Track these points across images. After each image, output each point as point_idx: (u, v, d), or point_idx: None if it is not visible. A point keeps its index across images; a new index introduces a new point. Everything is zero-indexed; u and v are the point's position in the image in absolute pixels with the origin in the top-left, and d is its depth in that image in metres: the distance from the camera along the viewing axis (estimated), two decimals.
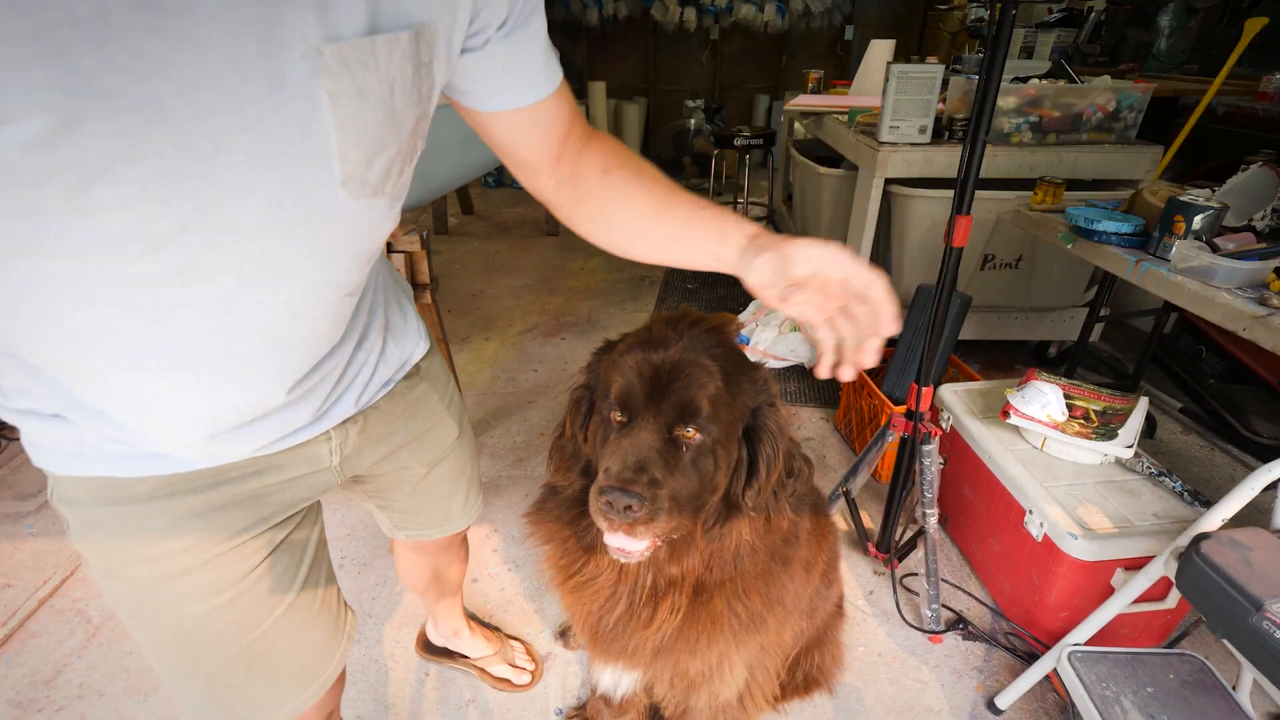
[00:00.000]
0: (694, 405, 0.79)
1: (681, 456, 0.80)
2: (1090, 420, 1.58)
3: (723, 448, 0.82)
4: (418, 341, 0.89)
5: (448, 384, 0.98)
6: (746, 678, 1.06)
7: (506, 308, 3.47)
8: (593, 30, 6.15)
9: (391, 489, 0.96)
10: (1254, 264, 1.40)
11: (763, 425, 0.85)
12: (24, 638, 1.59)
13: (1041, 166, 2.40)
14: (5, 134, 0.38)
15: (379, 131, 0.53)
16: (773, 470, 0.84)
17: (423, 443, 0.93)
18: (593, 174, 0.72)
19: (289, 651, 0.77)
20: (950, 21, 4.89)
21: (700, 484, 0.81)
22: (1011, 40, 1.24)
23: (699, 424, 0.79)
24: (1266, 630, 0.93)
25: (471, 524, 1.12)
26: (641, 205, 0.71)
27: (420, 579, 1.26)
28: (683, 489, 0.79)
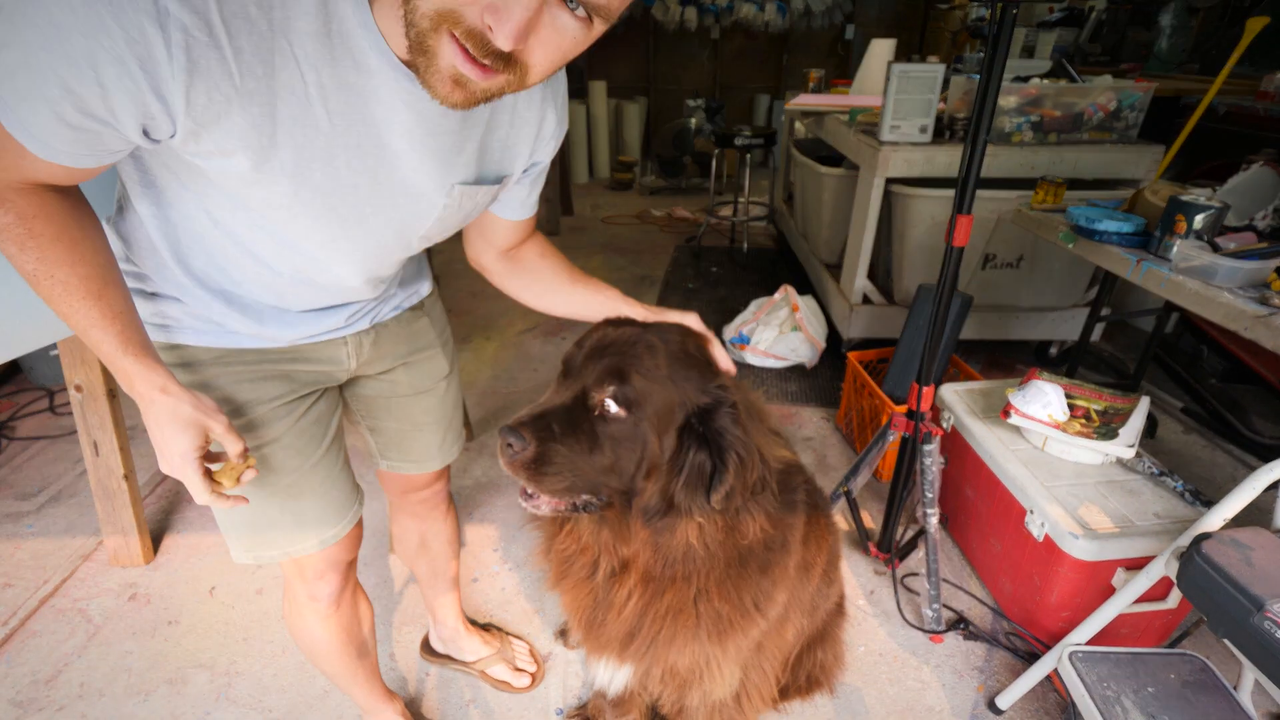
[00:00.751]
0: (619, 372, 0.78)
1: (595, 424, 0.78)
2: (1091, 420, 1.58)
3: (651, 432, 0.79)
4: (425, 281, 1.11)
5: (444, 326, 1.16)
6: (741, 678, 1.05)
7: (507, 307, 3.47)
8: None
9: (381, 410, 1.11)
10: (1255, 263, 1.40)
11: (723, 431, 0.80)
12: (24, 637, 1.59)
13: (1042, 166, 2.40)
14: (261, 186, 0.68)
15: (455, 223, 0.89)
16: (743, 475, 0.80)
17: (417, 367, 1.10)
18: (531, 256, 1.04)
19: (314, 499, 0.96)
20: (951, 21, 4.89)
21: (614, 461, 0.79)
22: (1012, 39, 1.25)
23: (619, 394, 0.78)
24: (1268, 630, 0.93)
25: (448, 464, 1.24)
26: (565, 279, 1.03)
27: (409, 546, 1.36)
28: (588, 457, 0.78)
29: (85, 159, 0.64)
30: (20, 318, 1.24)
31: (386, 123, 0.69)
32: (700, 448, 0.81)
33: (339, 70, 0.64)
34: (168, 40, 0.54)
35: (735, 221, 4.45)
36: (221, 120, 0.60)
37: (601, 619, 0.94)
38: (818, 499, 1.15)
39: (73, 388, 1.61)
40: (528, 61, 0.61)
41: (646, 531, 0.85)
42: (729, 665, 0.98)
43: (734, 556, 0.89)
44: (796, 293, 2.91)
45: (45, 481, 2.12)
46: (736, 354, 2.93)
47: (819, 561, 1.13)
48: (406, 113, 0.69)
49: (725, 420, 0.80)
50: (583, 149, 6.06)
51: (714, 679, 0.98)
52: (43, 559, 1.81)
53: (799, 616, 1.14)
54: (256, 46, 0.59)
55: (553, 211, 4.62)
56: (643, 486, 0.82)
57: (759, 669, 1.09)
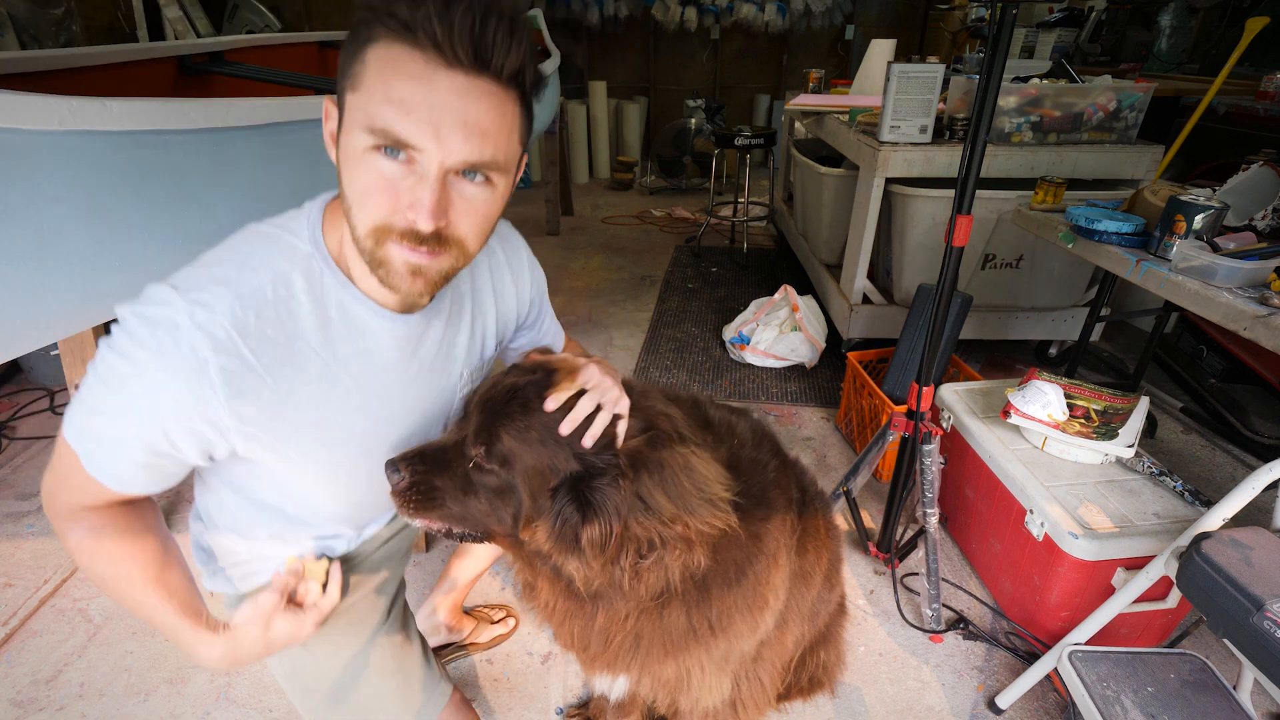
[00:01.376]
0: (492, 430, 0.79)
1: (471, 473, 0.81)
2: (1091, 420, 1.58)
3: (524, 491, 0.79)
4: None
5: None
6: (734, 686, 1.05)
7: None
8: (593, 29, 6.15)
9: None
10: (1255, 264, 1.40)
11: (596, 504, 0.76)
12: (25, 637, 1.59)
13: (1042, 166, 2.40)
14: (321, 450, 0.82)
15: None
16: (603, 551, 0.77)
17: None
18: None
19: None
20: (951, 21, 4.89)
21: (491, 510, 0.82)
22: (1012, 40, 1.25)
23: (491, 451, 0.79)
24: (1267, 630, 0.93)
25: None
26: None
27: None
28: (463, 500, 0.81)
29: (153, 485, 0.78)
30: (20, 318, 1.24)
31: (395, 361, 0.84)
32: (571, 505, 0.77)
33: (347, 340, 0.78)
34: (211, 382, 0.68)
35: (735, 221, 4.45)
36: (272, 422, 0.75)
37: (585, 641, 0.94)
38: (821, 505, 1.15)
39: (73, 387, 1.61)
40: (459, 235, 0.71)
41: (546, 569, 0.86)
42: (712, 675, 0.97)
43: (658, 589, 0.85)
44: (796, 293, 2.91)
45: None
46: (737, 354, 2.93)
47: (818, 569, 1.12)
48: (400, 349, 0.83)
49: (600, 488, 0.76)
50: (583, 149, 6.05)
51: (703, 687, 0.98)
52: (43, 559, 1.81)
53: (799, 624, 1.14)
54: (280, 357, 0.73)
55: (553, 211, 4.62)
56: (525, 536, 0.82)
57: (755, 679, 1.09)
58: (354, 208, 0.68)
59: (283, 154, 1.30)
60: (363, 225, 0.68)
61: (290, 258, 0.74)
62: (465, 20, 0.60)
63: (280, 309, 0.72)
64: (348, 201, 0.69)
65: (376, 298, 0.78)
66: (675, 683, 0.97)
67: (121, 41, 4.29)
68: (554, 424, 0.78)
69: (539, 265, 1.07)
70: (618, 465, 0.77)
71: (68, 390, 1.62)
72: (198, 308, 0.67)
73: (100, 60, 1.66)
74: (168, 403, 0.67)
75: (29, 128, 0.90)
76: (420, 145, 0.63)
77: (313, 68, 2.77)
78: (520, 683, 1.51)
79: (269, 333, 0.71)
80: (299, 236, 0.75)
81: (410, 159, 0.65)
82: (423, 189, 0.65)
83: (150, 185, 1.08)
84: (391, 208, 0.66)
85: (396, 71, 0.62)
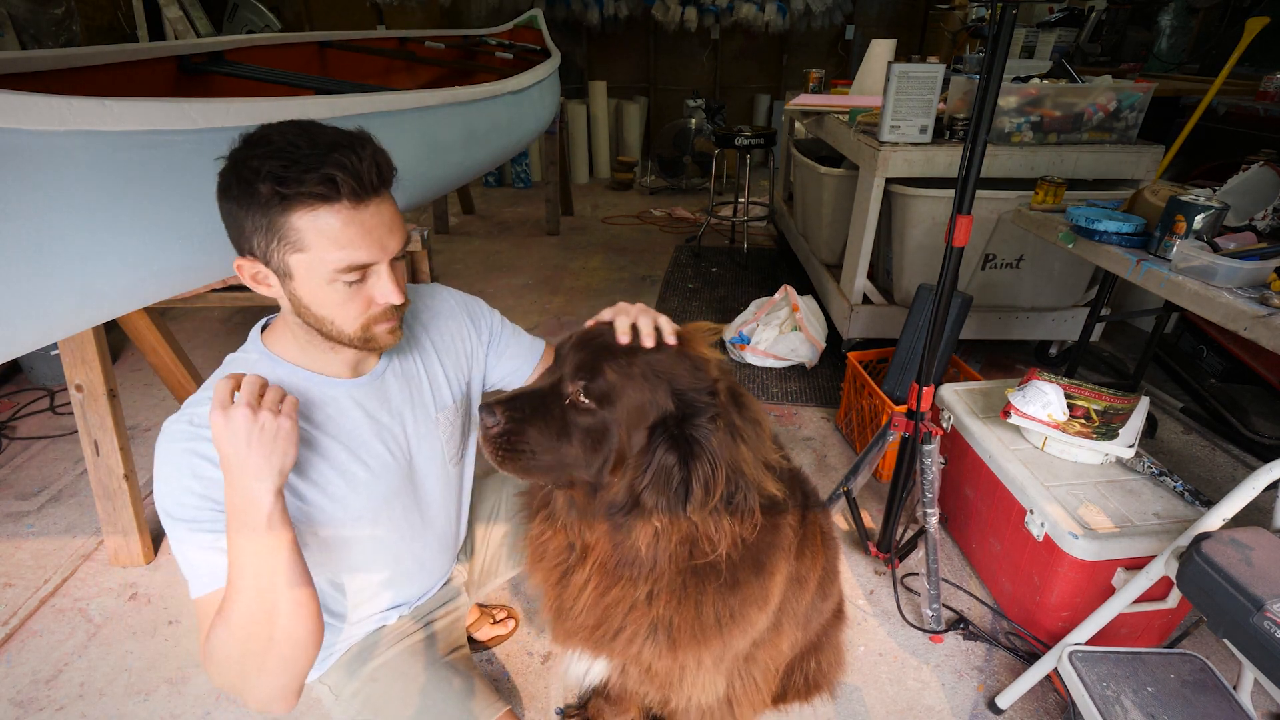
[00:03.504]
0: (593, 366, 0.80)
1: (567, 413, 0.81)
2: (1091, 420, 1.58)
3: (620, 430, 0.79)
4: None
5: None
6: (728, 685, 1.04)
7: (507, 307, 3.47)
8: (593, 29, 6.15)
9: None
10: (1255, 264, 1.40)
11: (700, 440, 0.78)
12: (25, 637, 1.59)
13: (1042, 166, 2.40)
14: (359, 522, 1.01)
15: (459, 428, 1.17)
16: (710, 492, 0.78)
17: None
18: None
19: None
20: (951, 21, 4.89)
21: (585, 454, 0.81)
22: (1012, 40, 1.24)
23: (590, 387, 0.79)
24: (1267, 630, 0.93)
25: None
26: None
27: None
28: (556, 443, 0.81)
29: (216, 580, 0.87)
30: (20, 318, 1.24)
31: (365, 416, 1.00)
32: (670, 449, 0.79)
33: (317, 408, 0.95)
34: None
35: (735, 221, 4.45)
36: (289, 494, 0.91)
37: (568, 607, 0.94)
38: (815, 510, 1.14)
39: (73, 387, 1.61)
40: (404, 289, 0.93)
41: (606, 525, 0.86)
42: (708, 671, 0.96)
43: (688, 570, 0.87)
44: (796, 293, 2.91)
45: (45, 481, 2.12)
46: (737, 354, 2.93)
47: (813, 575, 1.11)
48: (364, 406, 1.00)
49: (701, 426, 0.79)
50: (583, 149, 6.06)
51: (695, 683, 0.96)
52: (43, 559, 1.81)
53: (793, 628, 1.13)
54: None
55: (553, 211, 4.62)
56: (609, 481, 0.82)
57: (749, 678, 1.07)
58: (334, 320, 0.88)
59: None
60: (349, 326, 0.89)
61: (245, 366, 0.92)
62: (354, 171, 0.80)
63: None
64: (323, 319, 0.87)
65: (327, 372, 0.96)
66: (666, 676, 0.96)
67: (121, 41, 4.29)
68: (655, 362, 0.81)
69: (475, 299, 1.22)
70: (716, 404, 0.80)
71: (68, 390, 1.62)
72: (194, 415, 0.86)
73: (100, 60, 1.66)
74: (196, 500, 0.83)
75: (29, 128, 0.90)
76: (373, 259, 0.85)
77: (313, 68, 2.77)
78: (520, 682, 1.51)
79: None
80: (247, 353, 0.96)
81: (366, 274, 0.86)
82: (385, 281, 0.87)
83: (150, 185, 1.08)
84: (366, 305, 0.88)
85: (331, 225, 0.81)
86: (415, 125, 1.85)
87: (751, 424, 0.83)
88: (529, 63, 3.25)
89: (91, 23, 4.03)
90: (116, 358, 2.85)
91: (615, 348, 0.81)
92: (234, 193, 0.80)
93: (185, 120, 1.09)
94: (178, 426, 0.86)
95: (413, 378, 1.07)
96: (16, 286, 0.97)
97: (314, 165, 0.77)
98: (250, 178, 0.78)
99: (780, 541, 0.94)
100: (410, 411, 1.06)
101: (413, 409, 1.06)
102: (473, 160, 2.36)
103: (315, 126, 0.82)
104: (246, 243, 0.83)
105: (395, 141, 0.95)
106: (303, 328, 0.90)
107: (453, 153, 2.14)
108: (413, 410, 1.06)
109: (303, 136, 0.80)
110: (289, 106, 1.30)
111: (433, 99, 1.88)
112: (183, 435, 0.85)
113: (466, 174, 2.49)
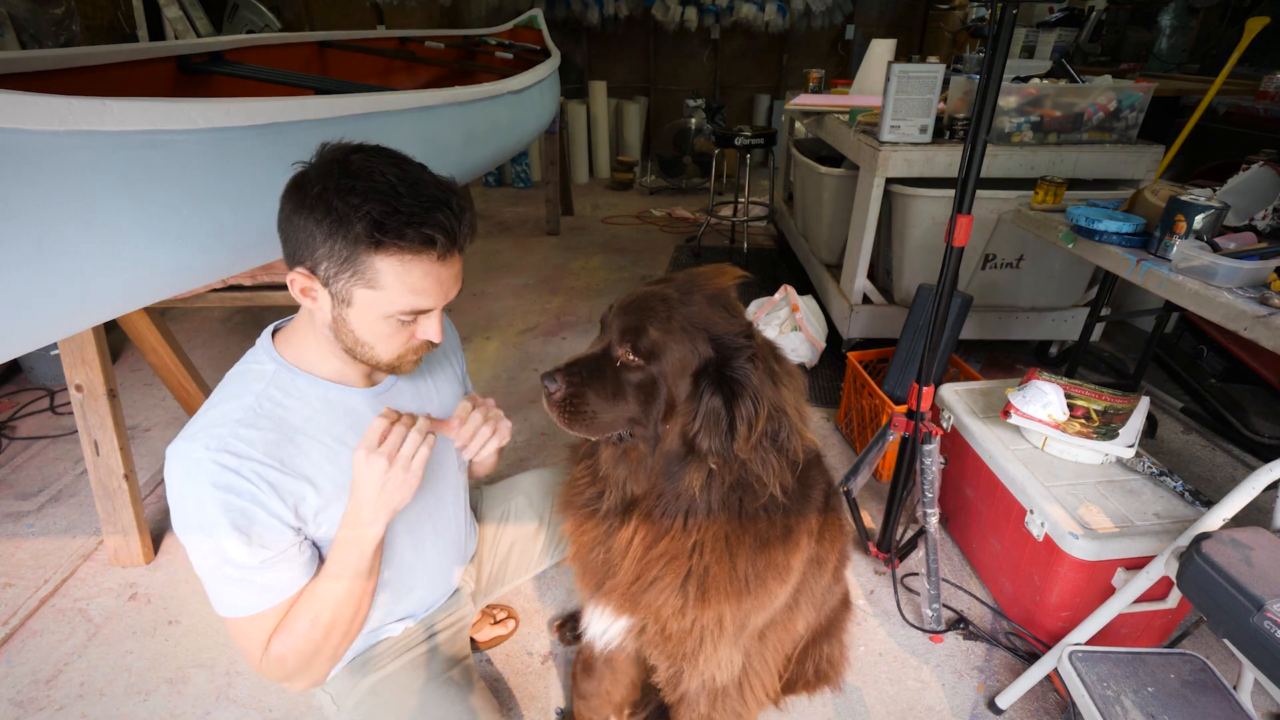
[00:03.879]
0: (636, 327, 0.86)
1: (619, 373, 0.87)
2: (1091, 420, 1.58)
3: (668, 381, 0.86)
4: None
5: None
6: (744, 664, 1.06)
7: (507, 307, 3.47)
8: (593, 29, 6.15)
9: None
10: (1255, 264, 1.40)
11: (740, 380, 0.84)
12: (25, 637, 1.59)
13: (1042, 166, 2.40)
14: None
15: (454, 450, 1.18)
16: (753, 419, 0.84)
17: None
18: None
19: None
20: (951, 21, 4.89)
21: (637, 406, 0.87)
22: (1012, 39, 1.24)
23: (636, 346, 0.85)
24: (1267, 630, 0.93)
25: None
26: None
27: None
28: (612, 402, 0.87)
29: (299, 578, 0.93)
30: (20, 318, 1.24)
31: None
32: (714, 392, 0.85)
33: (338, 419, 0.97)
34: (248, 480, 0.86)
35: (735, 221, 4.45)
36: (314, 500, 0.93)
37: (601, 557, 0.98)
38: (834, 499, 1.16)
39: (73, 387, 1.61)
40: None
41: (658, 474, 0.91)
42: (725, 641, 0.98)
43: (735, 520, 0.92)
44: (796, 293, 2.91)
45: (45, 481, 2.12)
46: None
47: (831, 558, 1.14)
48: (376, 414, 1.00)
49: (740, 367, 0.85)
50: (583, 149, 6.05)
51: (710, 657, 0.98)
52: (43, 559, 1.81)
53: (809, 610, 1.15)
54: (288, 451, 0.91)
55: (553, 211, 4.62)
56: (665, 430, 0.88)
57: (761, 658, 1.10)
58: (374, 346, 0.91)
59: (283, 154, 1.30)
60: (386, 356, 0.92)
61: (261, 379, 0.93)
62: (451, 233, 0.84)
63: (273, 415, 0.91)
64: (364, 343, 0.90)
65: (345, 380, 0.98)
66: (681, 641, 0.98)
67: (121, 41, 4.29)
68: (692, 315, 0.86)
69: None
70: (753, 345, 0.87)
71: (68, 390, 1.62)
72: (210, 438, 0.85)
73: (100, 60, 1.66)
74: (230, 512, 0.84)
75: (29, 128, 0.90)
76: (435, 306, 0.90)
77: (313, 68, 2.77)
78: (520, 682, 1.51)
79: (270, 436, 0.89)
80: (261, 363, 0.95)
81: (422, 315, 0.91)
82: (434, 323, 0.92)
83: (150, 185, 1.08)
84: (407, 340, 0.92)
85: (414, 273, 0.84)
86: (415, 125, 1.85)
87: (788, 374, 0.89)
88: (529, 63, 3.25)
89: (91, 23, 4.03)
90: (116, 358, 2.85)
91: (655, 307, 0.86)
92: (317, 216, 0.80)
93: (185, 120, 1.09)
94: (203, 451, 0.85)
95: (421, 387, 1.11)
96: (16, 286, 0.97)
97: (417, 221, 0.80)
98: (346, 213, 0.79)
99: (807, 513, 0.99)
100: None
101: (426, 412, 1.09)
102: (473, 160, 2.36)
103: (413, 168, 0.85)
104: (310, 260, 0.83)
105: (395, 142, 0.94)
106: (330, 341, 0.92)
107: (453, 153, 2.14)
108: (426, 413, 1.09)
109: (404, 182, 0.81)
110: (289, 106, 1.30)
111: (433, 99, 1.88)
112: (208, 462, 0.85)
113: (466, 174, 2.49)
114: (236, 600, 0.89)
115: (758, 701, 1.12)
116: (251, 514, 0.86)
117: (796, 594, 1.07)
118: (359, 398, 0.99)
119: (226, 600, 0.89)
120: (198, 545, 0.85)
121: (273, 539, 0.88)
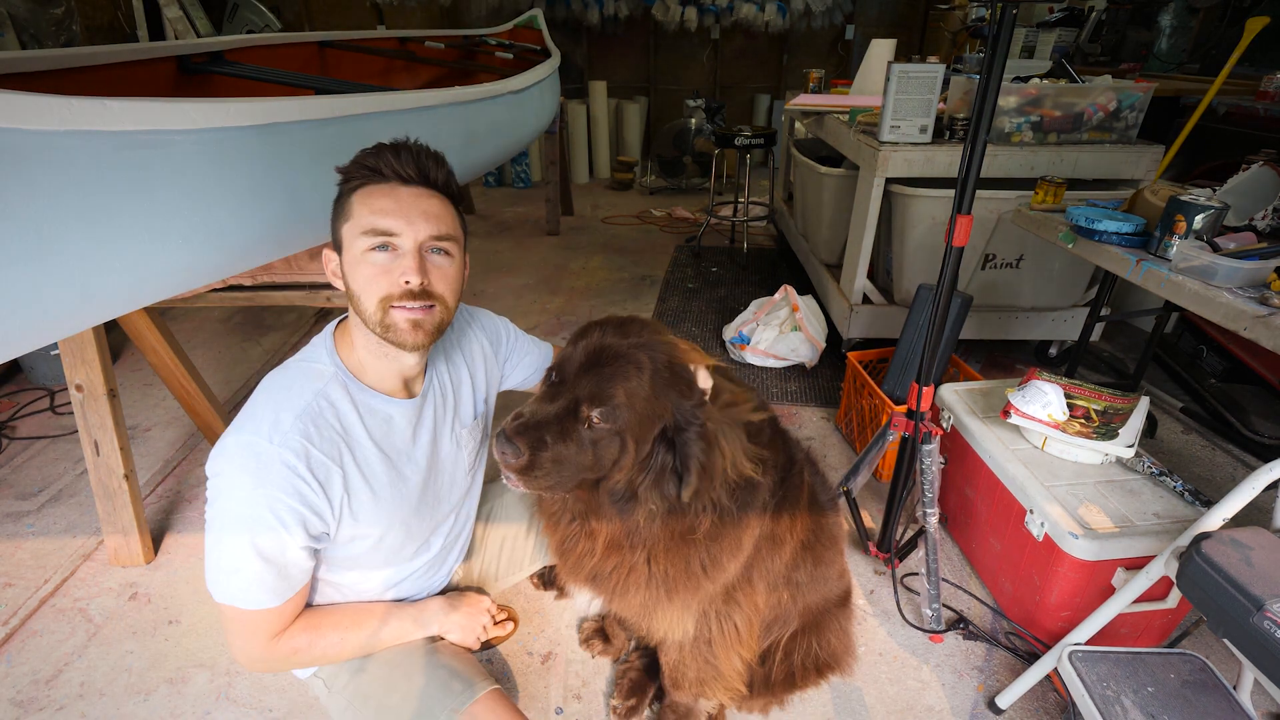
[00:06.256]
0: (607, 393, 0.88)
1: (583, 432, 0.89)
2: (1091, 420, 1.58)
3: (631, 438, 0.90)
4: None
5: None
6: (713, 626, 1.16)
7: (507, 307, 3.47)
8: (593, 29, 6.15)
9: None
10: (1255, 263, 1.40)
11: (690, 447, 0.92)
12: (25, 637, 1.59)
13: (1042, 166, 2.40)
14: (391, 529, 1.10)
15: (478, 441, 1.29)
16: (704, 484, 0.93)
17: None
18: None
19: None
20: (951, 21, 4.89)
21: (596, 462, 0.90)
22: (1012, 40, 1.24)
23: (605, 411, 0.88)
24: (1267, 630, 0.93)
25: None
26: None
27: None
28: (574, 460, 0.89)
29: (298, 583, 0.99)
30: (20, 318, 1.24)
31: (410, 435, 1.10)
32: (668, 453, 0.94)
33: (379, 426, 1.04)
34: (305, 478, 0.93)
35: (735, 221, 4.45)
36: (349, 502, 1.00)
37: (575, 563, 1.09)
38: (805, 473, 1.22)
39: (73, 387, 1.61)
40: (439, 292, 0.99)
41: (613, 509, 0.98)
42: (675, 613, 1.09)
43: (679, 533, 1.01)
44: (796, 293, 2.91)
45: (46, 481, 2.12)
46: (737, 354, 2.93)
47: (790, 537, 1.18)
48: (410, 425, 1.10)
49: (693, 438, 0.92)
50: (583, 149, 6.05)
51: (662, 622, 1.10)
52: (43, 559, 1.81)
53: (766, 584, 1.20)
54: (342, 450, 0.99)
55: (553, 211, 4.62)
56: (615, 477, 0.94)
57: (728, 621, 1.17)
58: (362, 295, 0.94)
59: (283, 154, 1.30)
60: (370, 302, 0.94)
61: (321, 378, 0.99)
62: (409, 158, 0.95)
63: (329, 414, 0.97)
64: (355, 295, 0.95)
65: (387, 390, 1.05)
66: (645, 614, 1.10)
67: (121, 41, 4.29)
68: (663, 381, 0.90)
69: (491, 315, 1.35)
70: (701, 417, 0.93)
71: (68, 390, 1.62)
72: (274, 432, 0.91)
73: (100, 60, 1.66)
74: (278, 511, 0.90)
75: (29, 128, 0.90)
76: (398, 230, 0.93)
77: (313, 68, 2.77)
78: (520, 682, 1.51)
79: (328, 434, 0.96)
80: (320, 361, 1.01)
81: (393, 246, 0.94)
82: (406, 260, 0.94)
83: (150, 185, 1.08)
84: (389, 282, 0.94)
85: (374, 196, 0.94)
86: (415, 125, 1.85)
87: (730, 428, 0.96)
88: (529, 63, 3.25)
89: (91, 22, 4.03)
90: (116, 358, 2.86)
91: (628, 374, 0.89)
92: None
93: (185, 120, 1.09)
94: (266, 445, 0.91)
95: (449, 393, 1.18)
96: (16, 286, 0.97)
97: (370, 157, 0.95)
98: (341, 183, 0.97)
99: (753, 501, 1.06)
100: (445, 426, 1.17)
101: (448, 423, 1.17)
102: (473, 160, 2.36)
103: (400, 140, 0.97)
104: (334, 235, 0.98)
105: None
106: (360, 327, 0.98)
107: (452, 153, 2.12)
108: (448, 424, 1.17)
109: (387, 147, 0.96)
110: (289, 107, 1.30)
111: (433, 99, 1.88)
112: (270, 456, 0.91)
113: (466, 174, 2.48)
114: (249, 594, 0.92)
115: (729, 651, 1.19)
116: (297, 511, 0.92)
117: (748, 567, 1.14)
118: (397, 408, 1.06)
119: (239, 592, 0.92)
120: (233, 534, 0.89)
121: (307, 538, 0.95)
